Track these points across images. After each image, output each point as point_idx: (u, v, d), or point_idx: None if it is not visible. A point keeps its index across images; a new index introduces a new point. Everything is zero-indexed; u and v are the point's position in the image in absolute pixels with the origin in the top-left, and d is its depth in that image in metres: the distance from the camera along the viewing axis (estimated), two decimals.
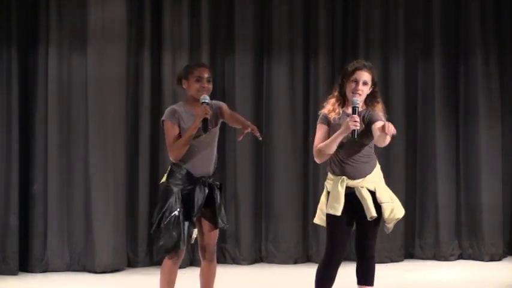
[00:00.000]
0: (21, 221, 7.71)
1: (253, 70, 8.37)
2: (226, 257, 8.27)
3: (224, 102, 8.12)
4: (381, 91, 8.21)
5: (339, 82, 5.30)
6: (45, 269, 7.78)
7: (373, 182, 5.20)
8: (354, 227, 5.25)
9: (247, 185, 8.32)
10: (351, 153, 5.18)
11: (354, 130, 5.04)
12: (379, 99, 5.34)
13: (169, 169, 5.33)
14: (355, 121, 5.04)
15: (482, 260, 8.42)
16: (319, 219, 5.33)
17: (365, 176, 5.18)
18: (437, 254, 8.49)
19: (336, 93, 5.29)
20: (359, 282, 5.29)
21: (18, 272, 7.66)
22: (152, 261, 7.98)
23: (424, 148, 8.58)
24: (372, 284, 5.27)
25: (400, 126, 8.45)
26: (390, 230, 5.35)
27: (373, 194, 5.17)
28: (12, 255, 7.64)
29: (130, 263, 8.05)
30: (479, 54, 8.51)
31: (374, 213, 5.12)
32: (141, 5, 8.11)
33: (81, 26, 7.82)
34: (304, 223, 8.32)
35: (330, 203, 5.16)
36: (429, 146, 8.56)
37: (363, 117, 5.19)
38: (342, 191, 5.14)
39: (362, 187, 5.15)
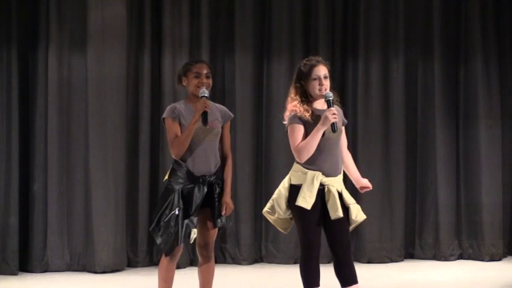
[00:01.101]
0: (21, 221, 7.71)
1: (253, 70, 8.37)
2: (226, 257, 8.27)
3: (224, 102, 8.23)
4: (381, 91, 8.41)
5: (297, 85, 5.21)
6: (45, 269, 7.78)
7: (341, 183, 5.20)
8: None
9: (247, 185, 8.32)
10: (327, 150, 5.15)
11: (334, 123, 5.04)
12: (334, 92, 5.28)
13: (171, 167, 5.34)
14: (334, 113, 5.04)
15: (482, 260, 8.42)
16: (272, 210, 5.28)
17: (336, 176, 5.18)
18: (437, 254, 8.49)
19: (296, 97, 5.20)
20: (344, 284, 5.18)
21: (18, 272, 7.66)
22: (152, 261, 7.99)
23: (424, 148, 8.58)
24: (356, 280, 5.22)
25: (400, 126, 8.49)
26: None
27: (340, 195, 5.16)
28: (12, 255, 7.64)
29: (131, 263, 8.05)
30: (479, 54, 8.50)
31: (340, 213, 5.09)
32: (141, 5, 8.11)
33: (81, 26, 7.82)
34: None
35: (302, 196, 5.10)
36: (429, 146, 8.56)
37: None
38: (316, 186, 5.10)
39: (332, 186, 5.14)
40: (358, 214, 5.22)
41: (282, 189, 5.25)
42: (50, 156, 7.79)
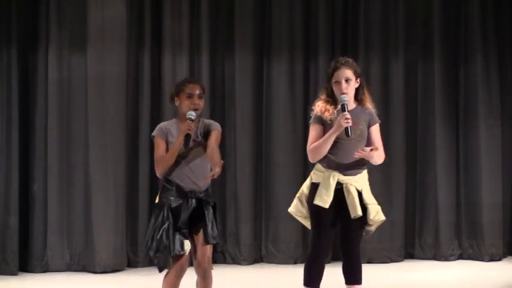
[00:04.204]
0: (21, 221, 7.71)
1: (253, 70, 8.37)
2: (226, 257, 8.27)
3: (224, 102, 8.22)
4: (381, 91, 8.41)
5: (325, 85, 5.35)
6: (45, 269, 7.78)
7: (361, 183, 5.23)
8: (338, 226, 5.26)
9: (247, 185, 8.32)
10: (346, 150, 5.19)
11: (347, 128, 5.07)
12: (365, 90, 5.35)
13: (162, 186, 5.33)
14: (347, 118, 5.07)
15: (482, 260, 8.42)
16: (296, 209, 5.34)
17: (355, 175, 5.21)
18: (437, 254, 8.49)
19: (323, 96, 5.32)
20: (347, 282, 5.28)
21: (18, 272, 7.66)
22: (152, 261, 7.96)
23: (424, 148, 8.58)
24: (360, 282, 5.25)
25: (400, 126, 8.49)
26: (371, 233, 5.36)
27: (359, 194, 5.18)
28: (12, 255, 7.64)
29: (131, 263, 8.05)
30: (479, 54, 8.51)
31: (359, 212, 5.13)
32: (141, 5, 8.11)
33: (81, 26, 7.82)
34: None
35: (319, 195, 5.16)
36: (429, 146, 8.56)
37: (360, 115, 5.24)
38: (333, 185, 5.16)
39: (351, 185, 5.17)
40: (376, 214, 5.24)
41: (304, 187, 5.33)
42: (50, 156, 7.79)
